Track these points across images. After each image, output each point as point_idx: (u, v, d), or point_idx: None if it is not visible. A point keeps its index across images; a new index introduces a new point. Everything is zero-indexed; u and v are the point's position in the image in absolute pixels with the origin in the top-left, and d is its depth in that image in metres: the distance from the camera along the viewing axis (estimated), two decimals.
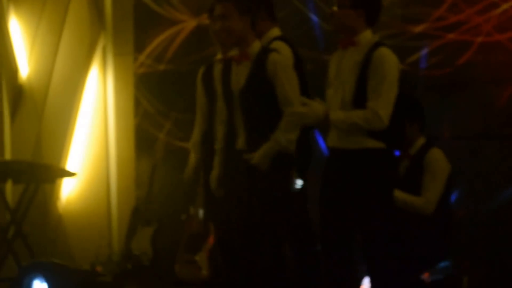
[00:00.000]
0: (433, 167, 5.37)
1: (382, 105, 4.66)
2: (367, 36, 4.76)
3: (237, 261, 5.37)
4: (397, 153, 5.44)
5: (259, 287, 5.17)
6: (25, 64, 8.46)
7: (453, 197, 5.85)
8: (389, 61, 4.72)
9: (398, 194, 5.20)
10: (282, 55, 5.16)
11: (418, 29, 6.20)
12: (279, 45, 5.41)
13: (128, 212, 7.27)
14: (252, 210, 5.11)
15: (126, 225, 7.26)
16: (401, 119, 5.22)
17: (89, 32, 7.98)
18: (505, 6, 5.91)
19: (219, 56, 5.51)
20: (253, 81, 5.07)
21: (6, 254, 7.13)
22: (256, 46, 5.12)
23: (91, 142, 8.07)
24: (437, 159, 5.40)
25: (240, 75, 5.13)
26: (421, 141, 5.43)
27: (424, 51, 6.27)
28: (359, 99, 4.70)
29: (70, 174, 7.43)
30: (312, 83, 5.54)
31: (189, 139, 5.97)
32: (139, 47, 7.79)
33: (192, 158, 5.70)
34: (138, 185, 7.70)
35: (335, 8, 4.78)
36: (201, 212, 6.49)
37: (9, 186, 7.87)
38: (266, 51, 5.12)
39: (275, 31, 5.58)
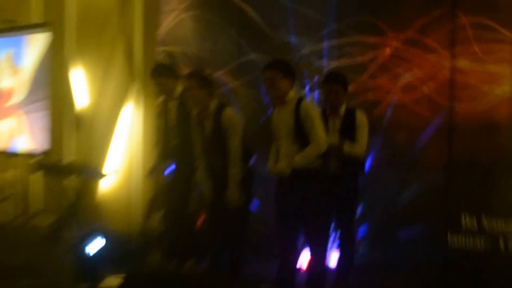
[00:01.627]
0: (362, 123, 5.91)
1: (320, 134, 5.22)
2: (292, 94, 5.38)
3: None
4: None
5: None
6: (82, 100, 9.20)
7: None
8: (311, 108, 5.31)
9: (346, 147, 5.79)
10: (232, 111, 5.86)
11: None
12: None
13: (146, 202, 7.93)
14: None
15: (144, 210, 8.04)
16: (336, 90, 5.82)
17: (126, 80, 8.76)
18: (406, 76, 6.49)
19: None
20: (214, 130, 5.87)
21: (71, 223, 7.96)
22: (213, 105, 5.88)
23: (126, 154, 8.78)
24: (363, 117, 5.95)
25: (207, 125, 5.96)
26: (345, 105, 5.98)
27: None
28: (299, 135, 5.27)
29: (110, 173, 8.26)
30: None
31: None
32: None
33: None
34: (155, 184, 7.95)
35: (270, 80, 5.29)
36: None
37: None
38: (220, 108, 5.84)
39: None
